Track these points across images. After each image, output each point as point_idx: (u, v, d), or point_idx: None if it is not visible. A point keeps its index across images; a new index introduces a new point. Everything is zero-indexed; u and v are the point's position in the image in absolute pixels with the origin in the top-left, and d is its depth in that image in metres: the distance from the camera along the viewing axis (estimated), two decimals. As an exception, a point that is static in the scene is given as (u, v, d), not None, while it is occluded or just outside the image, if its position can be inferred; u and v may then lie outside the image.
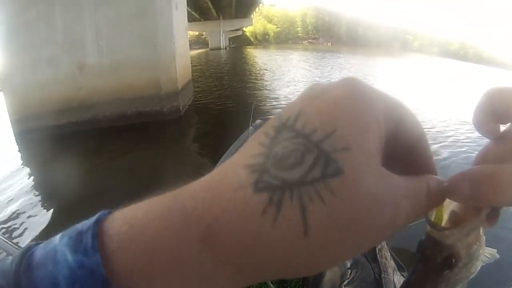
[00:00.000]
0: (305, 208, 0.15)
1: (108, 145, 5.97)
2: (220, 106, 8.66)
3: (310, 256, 0.16)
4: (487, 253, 0.31)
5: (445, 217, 0.27)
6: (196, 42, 48.53)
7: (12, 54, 6.70)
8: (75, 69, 6.74)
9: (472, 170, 0.22)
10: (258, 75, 15.35)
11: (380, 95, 0.20)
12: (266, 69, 17.70)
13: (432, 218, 0.27)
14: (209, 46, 43.40)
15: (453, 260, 0.27)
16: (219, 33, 41.80)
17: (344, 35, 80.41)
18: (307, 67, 19.47)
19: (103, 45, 6.76)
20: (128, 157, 5.42)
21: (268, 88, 11.45)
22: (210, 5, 32.42)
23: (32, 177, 5.03)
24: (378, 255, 0.91)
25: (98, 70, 6.81)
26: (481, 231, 0.27)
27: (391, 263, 0.95)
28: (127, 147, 5.85)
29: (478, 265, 0.29)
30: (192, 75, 9.41)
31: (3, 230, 3.49)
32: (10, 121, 6.97)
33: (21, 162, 5.73)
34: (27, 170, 5.34)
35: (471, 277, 0.29)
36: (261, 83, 12.66)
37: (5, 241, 0.91)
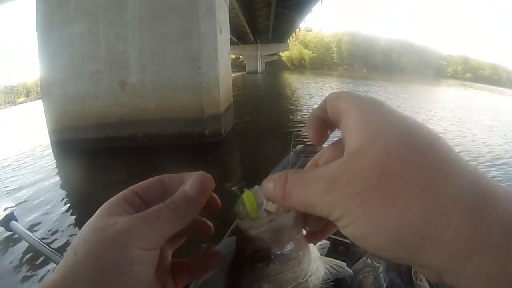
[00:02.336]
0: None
1: (146, 162, 5.77)
2: (260, 131, 8.40)
3: None
4: (334, 265, 0.34)
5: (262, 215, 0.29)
6: (233, 66, 49.47)
7: (54, 66, 6.81)
8: (116, 86, 6.76)
9: (276, 174, 0.24)
10: (299, 102, 15.02)
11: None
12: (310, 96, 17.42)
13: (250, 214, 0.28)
14: (246, 69, 44.22)
15: (264, 255, 0.27)
16: (256, 57, 42.50)
17: (378, 62, 79.57)
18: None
19: (147, 64, 6.74)
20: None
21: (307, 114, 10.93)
22: (248, 29, 33.18)
23: (64, 187, 5.14)
24: (413, 277, 0.89)
25: (140, 89, 6.78)
26: (298, 234, 0.29)
27: (425, 285, 0.93)
28: (166, 167, 5.55)
29: (306, 269, 0.29)
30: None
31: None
32: (48, 130, 7.04)
33: (56, 172, 5.81)
34: (58, 179, 5.47)
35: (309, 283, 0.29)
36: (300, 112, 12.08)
37: (47, 248, 0.94)
